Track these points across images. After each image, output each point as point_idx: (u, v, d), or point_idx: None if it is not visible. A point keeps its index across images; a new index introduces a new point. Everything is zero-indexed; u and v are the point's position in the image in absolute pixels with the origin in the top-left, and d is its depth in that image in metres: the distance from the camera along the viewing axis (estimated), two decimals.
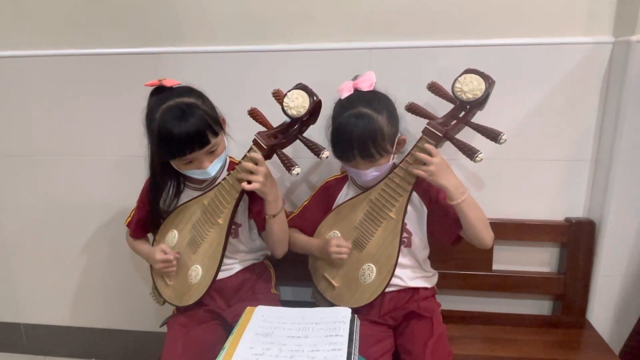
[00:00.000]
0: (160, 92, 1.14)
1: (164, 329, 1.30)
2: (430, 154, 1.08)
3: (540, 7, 1.28)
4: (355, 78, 1.19)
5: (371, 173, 1.16)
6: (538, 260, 1.47)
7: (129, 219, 1.35)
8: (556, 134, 1.36)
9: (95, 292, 1.78)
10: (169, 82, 1.15)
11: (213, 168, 1.17)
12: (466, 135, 1.09)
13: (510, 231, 1.41)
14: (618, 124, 1.27)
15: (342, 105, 1.14)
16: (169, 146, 1.11)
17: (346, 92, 1.16)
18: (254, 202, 1.24)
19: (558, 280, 1.43)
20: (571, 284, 1.42)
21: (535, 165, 1.39)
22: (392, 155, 1.17)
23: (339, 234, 1.23)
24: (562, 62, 1.30)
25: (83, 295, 1.79)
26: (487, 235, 1.15)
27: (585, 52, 1.29)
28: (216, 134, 1.14)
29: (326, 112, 1.18)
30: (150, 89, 1.17)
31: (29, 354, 1.91)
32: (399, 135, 1.18)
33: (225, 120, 1.22)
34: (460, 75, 1.06)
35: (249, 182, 1.13)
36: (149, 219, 1.30)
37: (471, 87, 1.04)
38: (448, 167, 1.10)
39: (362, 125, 1.09)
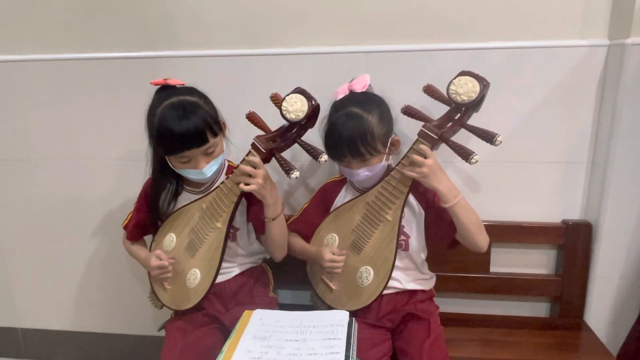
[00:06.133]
0: (164, 91, 1.16)
1: (162, 333, 1.30)
2: (424, 156, 1.09)
3: (535, 10, 1.28)
4: (351, 81, 1.20)
5: (363, 173, 1.16)
6: (535, 262, 1.47)
7: (126, 221, 1.35)
8: (553, 136, 1.37)
9: (93, 297, 1.77)
10: (173, 82, 1.18)
11: (209, 169, 1.18)
12: (462, 137, 1.10)
13: (508, 233, 1.41)
14: (614, 125, 1.27)
15: (336, 106, 1.17)
16: (167, 141, 1.12)
17: (341, 95, 1.19)
18: (253, 206, 1.25)
19: (555, 282, 1.43)
20: (568, 286, 1.42)
21: (532, 167, 1.40)
22: (386, 156, 1.18)
23: (337, 238, 1.24)
24: (558, 65, 1.31)
25: (81, 300, 1.78)
26: (481, 239, 1.16)
27: (580, 54, 1.29)
28: (215, 135, 1.15)
29: (324, 115, 1.18)
30: (151, 90, 1.18)
31: (27, 359, 1.90)
32: (392, 135, 1.18)
33: (226, 124, 1.23)
34: (455, 78, 1.07)
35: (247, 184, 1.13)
36: (146, 222, 1.31)
37: (466, 89, 1.05)
38: (441, 170, 1.10)
39: (351, 124, 1.11)
